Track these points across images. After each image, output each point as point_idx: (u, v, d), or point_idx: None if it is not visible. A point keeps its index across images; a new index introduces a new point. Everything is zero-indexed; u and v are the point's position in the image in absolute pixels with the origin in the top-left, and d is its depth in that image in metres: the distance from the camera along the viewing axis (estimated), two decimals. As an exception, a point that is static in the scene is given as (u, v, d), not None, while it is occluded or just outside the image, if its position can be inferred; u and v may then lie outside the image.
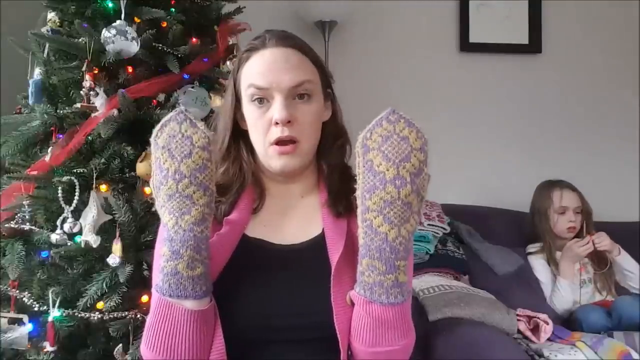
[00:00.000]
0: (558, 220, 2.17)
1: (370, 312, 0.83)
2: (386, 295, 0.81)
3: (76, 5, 1.58)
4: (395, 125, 0.82)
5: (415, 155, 0.80)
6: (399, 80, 2.64)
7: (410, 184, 0.80)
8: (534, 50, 2.68)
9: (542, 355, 1.70)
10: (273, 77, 0.91)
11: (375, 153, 0.81)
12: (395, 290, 0.81)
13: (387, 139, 0.81)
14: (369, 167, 0.82)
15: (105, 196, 1.44)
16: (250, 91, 0.93)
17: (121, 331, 1.36)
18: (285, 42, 0.95)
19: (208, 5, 1.72)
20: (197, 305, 0.83)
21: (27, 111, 1.57)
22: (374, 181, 0.81)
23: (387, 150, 0.81)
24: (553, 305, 2.05)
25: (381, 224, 0.80)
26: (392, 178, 0.80)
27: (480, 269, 2.12)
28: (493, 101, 2.69)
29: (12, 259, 1.41)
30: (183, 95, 1.56)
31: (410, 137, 0.81)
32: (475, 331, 1.66)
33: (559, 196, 2.18)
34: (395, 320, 0.83)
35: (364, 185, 0.82)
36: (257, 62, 0.94)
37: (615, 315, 1.88)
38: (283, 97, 0.91)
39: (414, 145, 0.81)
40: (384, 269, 0.81)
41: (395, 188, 0.79)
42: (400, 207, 0.80)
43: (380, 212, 0.80)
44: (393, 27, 2.66)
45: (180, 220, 0.81)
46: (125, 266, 1.36)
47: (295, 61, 0.93)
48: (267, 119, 0.92)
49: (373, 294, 0.82)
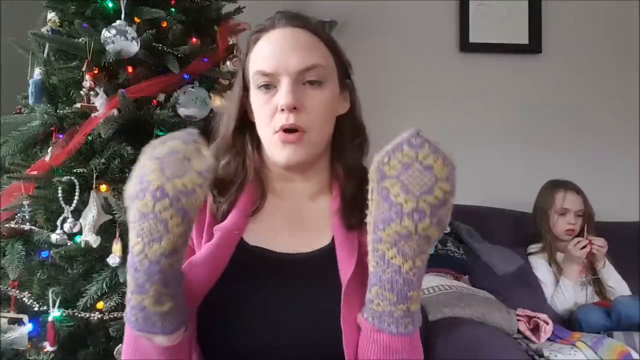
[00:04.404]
0: (557, 221, 2.17)
1: (378, 341, 0.76)
2: (396, 325, 0.74)
3: (76, 5, 1.58)
4: (419, 152, 0.70)
5: (440, 187, 0.70)
6: (399, 80, 2.64)
7: (430, 217, 0.70)
8: (534, 50, 2.68)
9: (542, 355, 1.70)
10: (280, 60, 0.83)
11: (393, 182, 0.70)
12: (406, 320, 0.75)
13: (407, 167, 0.70)
14: (384, 196, 0.71)
15: (105, 196, 1.44)
16: (257, 78, 0.85)
17: (121, 331, 1.36)
18: (295, 22, 0.86)
19: (208, 5, 1.72)
20: (167, 340, 0.75)
21: (27, 111, 1.57)
22: (390, 213, 0.70)
23: (407, 180, 0.70)
24: (554, 305, 2.05)
25: (394, 257, 0.71)
26: (410, 211, 0.69)
27: (480, 269, 2.12)
28: (493, 101, 2.69)
29: (12, 259, 1.41)
30: (183, 95, 1.56)
31: (435, 166, 0.70)
32: (475, 331, 1.66)
33: (562, 197, 2.17)
34: (404, 348, 0.77)
35: (377, 215, 0.72)
36: (264, 45, 0.86)
37: (614, 315, 1.88)
38: (290, 82, 0.82)
39: (439, 175, 0.70)
40: (394, 300, 0.73)
41: (412, 222, 0.69)
42: (417, 241, 0.71)
43: (395, 245, 0.71)
44: (393, 27, 2.66)
45: (148, 249, 0.69)
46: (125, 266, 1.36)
47: (306, 42, 0.85)
48: (273, 105, 0.84)
49: (382, 323, 0.75)
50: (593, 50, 2.72)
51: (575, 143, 2.68)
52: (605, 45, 2.72)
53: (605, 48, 2.72)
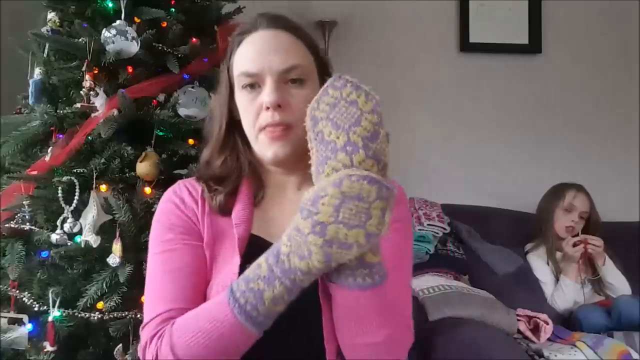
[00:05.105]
0: (561, 217, 2.17)
1: (342, 300, 0.78)
2: (353, 277, 0.75)
3: (76, 5, 1.58)
4: (342, 91, 0.76)
5: (366, 118, 0.74)
6: (399, 80, 2.64)
7: (364, 149, 0.72)
8: (534, 50, 2.68)
9: (542, 355, 1.70)
10: (263, 61, 0.87)
11: (324, 123, 0.75)
12: (361, 271, 0.74)
13: (334, 106, 0.75)
14: (320, 139, 0.75)
15: (105, 196, 1.43)
16: (242, 79, 0.90)
17: (121, 331, 1.36)
18: (277, 24, 0.91)
19: (208, 5, 1.72)
20: (257, 334, 0.77)
21: (27, 111, 1.57)
22: (327, 152, 0.74)
23: (336, 117, 0.74)
24: (554, 303, 2.05)
25: None
26: (343, 145, 0.73)
27: (480, 269, 2.12)
28: (493, 101, 2.69)
29: (12, 259, 1.41)
30: (183, 95, 1.56)
31: (359, 101, 0.75)
32: (475, 331, 1.66)
33: (572, 195, 2.18)
34: (370, 306, 0.77)
35: (317, 159, 0.76)
36: (248, 47, 0.91)
37: (615, 315, 1.88)
38: (273, 81, 0.87)
39: (364, 108, 0.74)
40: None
41: (346, 155, 0.72)
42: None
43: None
44: (393, 27, 2.66)
45: (294, 258, 0.72)
46: (125, 266, 1.36)
47: (287, 44, 0.89)
48: (258, 104, 0.88)
49: (340, 276, 0.75)
50: (593, 50, 2.72)
51: (575, 143, 2.68)
52: (605, 45, 2.72)
53: (605, 48, 2.72)
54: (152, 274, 0.90)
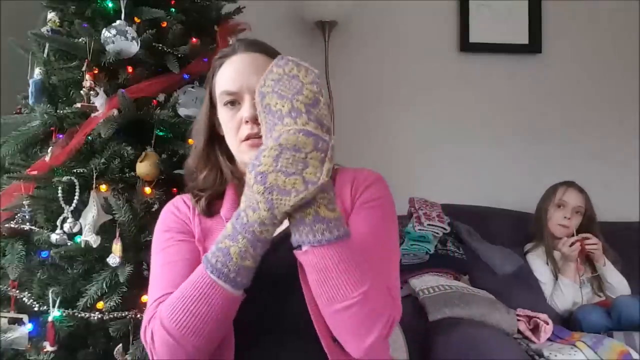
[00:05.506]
0: (554, 214, 2.17)
1: (310, 261, 0.82)
2: (312, 234, 0.80)
3: (76, 5, 1.58)
4: (284, 68, 0.86)
5: (307, 87, 0.84)
6: (398, 80, 2.63)
7: (307, 113, 0.82)
8: (534, 50, 2.68)
9: (542, 355, 1.70)
10: (242, 81, 0.97)
11: (270, 96, 0.85)
12: (320, 226, 0.80)
13: (278, 80, 0.85)
14: (268, 110, 0.85)
15: (105, 196, 1.43)
16: (223, 97, 0.99)
17: (121, 331, 1.36)
18: (252, 48, 1.02)
19: (208, 5, 1.72)
20: (234, 292, 0.83)
21: (27, 111, 1.57)
22: (274, 119, 0.84)
23: (280, 89, 0.85)
24: (554, 304, 2.05)
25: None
26: (289, 111, 0.83)
27: (480, 269, 2.12)
28: (493, 101, 2.68)
29: (12, 259, 1.41)
30: (183, 95, 1.56)
31: (300, 74, 0.85)
32: (475, 331, 1.66)
33: (562, 191, 2.19)
34: (337, 263, 0.81)
35: (265, 129, 0.85)
36: (228, 69, 1.00)
37: (614, 315, 1.88)
38: (252, 98, 0.95)
39: (304, 80, 0.85)
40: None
41: (292, 119, 0.82)
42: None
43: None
44: (393, 27, 2.66)
45: (251, 213, 0.80)
46: (125, 266, 1.36)
47: (263, 65, 0.95)
48: (238, 118, 0.98)
49: (301, 236, 0.81)
50: (593, 50, 2.72)
51: (575, 143, 2.68)
52: (605, 45, 2.72)
53: (605, 48, 2.72)
54: (153, 270, 0.99)
